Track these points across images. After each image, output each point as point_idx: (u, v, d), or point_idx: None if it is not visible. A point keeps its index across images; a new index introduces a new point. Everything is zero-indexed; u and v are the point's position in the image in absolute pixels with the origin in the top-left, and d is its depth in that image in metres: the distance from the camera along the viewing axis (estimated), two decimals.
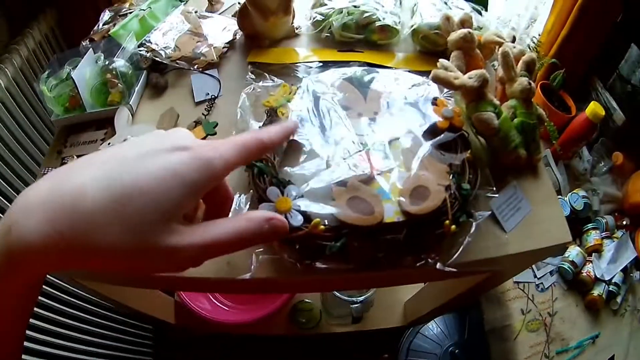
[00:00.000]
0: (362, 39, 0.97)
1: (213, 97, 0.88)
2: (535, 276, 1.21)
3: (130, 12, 1.03)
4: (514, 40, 1.00)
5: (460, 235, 0.67)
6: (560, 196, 1.30)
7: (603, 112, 1.24)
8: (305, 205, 0.62)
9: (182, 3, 1.06)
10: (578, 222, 1.28)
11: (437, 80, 0.76)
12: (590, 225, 1.27)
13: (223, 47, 0.95)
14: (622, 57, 1.40)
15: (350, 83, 0.80)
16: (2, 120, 1.14)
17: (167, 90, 0.93)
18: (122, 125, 0.85)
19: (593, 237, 1.24)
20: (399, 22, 0.97)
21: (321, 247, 0.62)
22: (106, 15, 1.06)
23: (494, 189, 0.74)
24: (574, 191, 1.29)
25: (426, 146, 0.71)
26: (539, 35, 1.48)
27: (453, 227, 0.63)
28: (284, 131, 0.43)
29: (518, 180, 0.81)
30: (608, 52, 1.42)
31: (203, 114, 0.85)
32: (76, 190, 0.30)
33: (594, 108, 1.24)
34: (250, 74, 0.87)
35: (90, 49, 0.92)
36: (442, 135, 0.73)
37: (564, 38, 1.34)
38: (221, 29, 0.99)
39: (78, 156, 0.84)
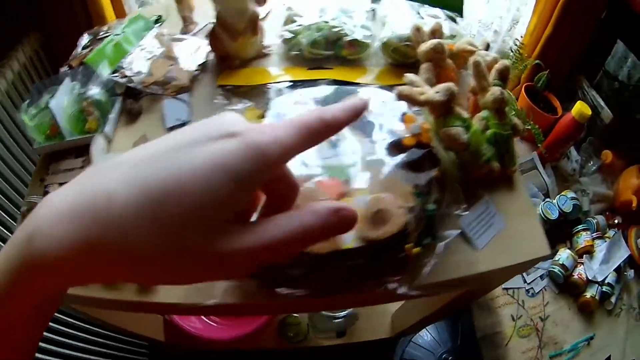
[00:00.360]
0: (332, 55, 0.96)
1: (183, 122, 0.88)
2: (524, 281, 1.19)
3: (108, 36, 1.03)
4: (487, 47, 0.99)
5: (426, 255, 0.66)
6: (548, 199, 1.28)
7: (589, 112, 1.22)
8: None
9: (157, 26, 1.06)
10: (567, 225, 1.26)
11: (402, 97, 0.75)
12: (580, 227, 1.25)
13: (195, 70, 0.96)
14: (608, 54, 1.37)
15: (317, 103, 0.80)
16: None
17: (141, 116, 0.93)
18: (98, 154, 0.86)
19: (584, 239, 1.23)
20: (370, 36, 0.96)
21: (283, 273, 0.62)
22: (85, 39, 1.06)
23: (464, 206, 0.72)
24: (563, 193, 1.27)
25: (389, 166, 0.71)
26: (522, 37, 1.46)
27: (416, 249, 0.63)
28: (351, 109, 0.34)
29: (492, 194, 0.80)
30: (593, 49, 1.40)
31: None
32: (107, 195, 0.26)
33: (580, 108, 1.22)
34: (219, 97, 0.87)
35: (68, 77, 0.93)
36: (408, 152, 0.72)
37: (547, 38, 1.32)
38: (194, 51, 1.00)
39: (60, 184, 0.85)
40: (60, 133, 0.90)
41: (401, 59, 0.95)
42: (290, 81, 0.90)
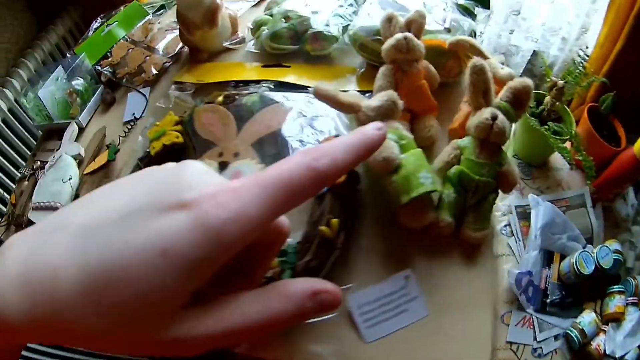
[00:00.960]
0: (298, 49, 0.82)
1: (136, 118, 0.86)
2: (534, 338, 0.94)
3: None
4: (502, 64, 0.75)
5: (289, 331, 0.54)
6: (589, 246, 0.99)
7: None
8: None
9: (156, 14, 1.04)
10: (604, 280, 0.96)
11: (319, 96, 0.58)
12: (616, 288, 0.94)
13: (165, 62, 0.91)
14: None
15: (236, 112, 0.70)
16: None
17: (113, 107, 0.93)
18: (66, 141, 0.89)
19: (615, 303, 0.92)
20: (339, 29, 0.80)
21: None
22: (97, 23, 1.09)
23: (351, 285, 0.56)
24: (606, 243, 0.97)
25: None
26: (587, 47, 1.11)
27: None
28: (361, 144, 0.25)
29: (425, 264, 0.58)
30: None
31: (120, 135, 0.83)
32: (52, 271, 0.24)
33: None
34: (170, 94, 0.83)
35: (61, 65, 0.97)
36: None
37: (618, 53, 0.99)
38: (178, 41, 0.95)
39: (41, 162, 0.91)
40: (49, 116, 0.95)
41: (371, 57, 0.76)
42: (236, 81, 0.80)
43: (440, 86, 0.71)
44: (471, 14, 0.82)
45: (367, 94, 0.65)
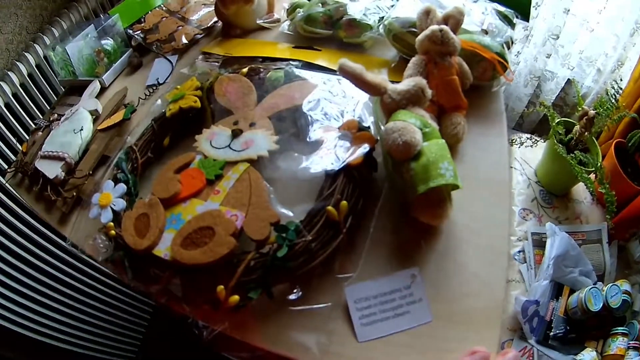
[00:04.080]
0: (331, 35, 0.78)
1: (159, 83, 0.82)
2: None
3: None
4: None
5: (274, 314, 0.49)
6: (598, 284, 0.92)
7: None
8: (119, 205, 0.56)
9: None
10: (609, 320, 0.89)
11: (344, 72, 0.54)
12: (620, 329, 0.87)
13: (196, 34, 0.88)
14: None
15: (259, 84, 0.65)
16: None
17: (140, 70, 0.90)
18: (86, 96, 0.86)
19: (617, 345, 0.85)
20: (378, 16, 0.75)
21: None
22: None
23: (352, 275, 0.50)
24: (617, 282, 0.90)
25: (283, 175, 0.54)
26: (621, 80, 1.05)
27: (233, 297, 0.45)
28: None
29: (434, 263, 0.52)
30: None
31: (140, 97, 0.80)
32: None
33: None
34: (197, 63, 0.79)
35: (93, 24, 0.95)
36: (320, 166, 0.53)
37: None
38: (212, 15, 0.92)
39: (58, 114, 0.87)
40: (74, 72, 0.92)
41: (405, 50, 0.71)
42: (264, 58, 0.76)
43: (471, 88, 0.66)
44: (510, 23, 0.77)
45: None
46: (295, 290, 0.48)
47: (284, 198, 0.53)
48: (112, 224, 0.55)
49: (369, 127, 0.56)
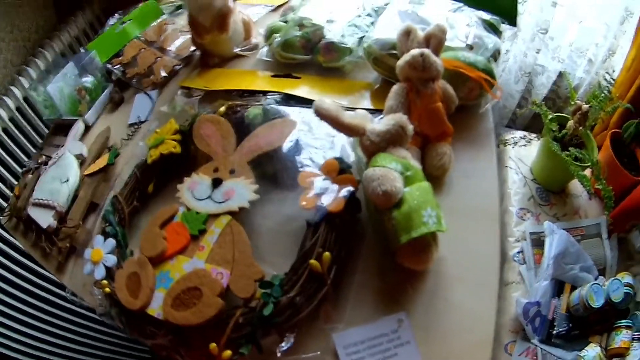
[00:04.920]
0: (310, 60, 0.75)
1: (140, 121, 0.80)
2: None
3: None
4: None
5: None
6: (598, 280, 0.90)
7: None
8: (110, 261, 0.56)
9: (171, 14, 0.98)
10: (613, 314, 0.88)
11: (320, 115, 0.52)
12: (623, 322, 0.85)
13: (175, 65, 0.86)
14: None
15: (237, 124, 0.63)
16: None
17: (121, 106, 0.88)
18: (70, 139, 0.84)
19: (621, 338, 0.83)
20: (354, 41, 0.72)
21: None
22: (113, 19, 1.03)
23: (338, 325, 0.49)
24: (618, 276, 0.88)
25: (264, 227, 0.52)
26: (613, 71, 1.02)
27: (226, 353, 0.45)
28: None
29: (421, 305, 0.50)
30: None
31: (123, 138, 0.78)
32: None
33: None
34: (176, 99, 0.77)
35: (72, 61, 0.92)
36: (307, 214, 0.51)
37: None
38: (190, 44, 0.89)
39: (46, 156, 0.86)
40: (58, 111, 0.91)
41: (386, 73, 0.69)
42: (242, 90, 0.73)
43: (457, 109, 0.63)
44: (496, 31, 0.74)
45: (380, 116, 0.58)
46: (285, 339, 0.47)
47: (267, 249, 0.53)
48: (105, 281, 0.55)
49: (350, 167, 0.54)
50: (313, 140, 0.58)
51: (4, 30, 1.10)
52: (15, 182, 1.07)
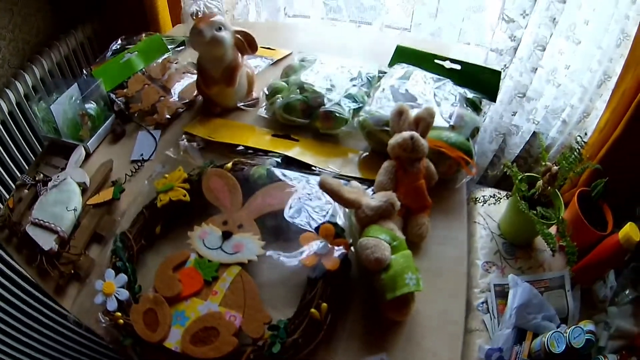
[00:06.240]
0: (308, 124, 0.92)
1: (143, 159, 0.94)
2: None
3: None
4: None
5: None
6: (562, 326, 1.08)
7: (638, 237, 0.99)
8: (123, 295, 0.69)
9: (175, 49, 1.13)
10: (575, 359, 1.06)
11: (325, 188, 0.69)
12: None
13: (178, 108, 1.00)
14: None
15: (244, 181, 0.80)
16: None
17: (123, 139, 1.02)
18: (72, 164, 0.97)
19: None
20: (350, 110, 0.90)
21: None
22: (117, 44, 1.18)
23: None
24: (580, 324, 1.04)
25: (270, 278, 0.69)
26: (585, 134, 1.22)
27: None
28: None
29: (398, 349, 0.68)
30: None
31: (126, 174, 0.92)
32: None
33: (628, 231, 0.98)
34: (180, 143, 0.91)
35: (76, 83, 1.04)
36: (307, 270, 0.68)
37: (615, 140, 1.08)
38: (194, 88, 1.04)
39: (44, 175, 0.98)
40: (58, 131, 1.03)
41: (378, 146, 0.86)
42: (243, 146, 0.89)
43: (436, 182, 0.82)
44: (477, 109, 0.92)
45: (368, 188, 0.76)
46: None
47: (272, 297, 0.69)
48: (119, 313, 0.68)
49: (343, 231, 0.72)
50: (311, 205, 0.75)
51: (6, 27, 1.23)
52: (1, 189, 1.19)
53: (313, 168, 0.84)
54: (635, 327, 1.09)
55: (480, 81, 0.98)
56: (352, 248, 0.72)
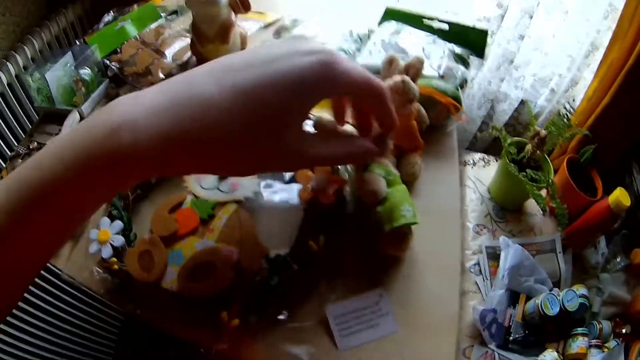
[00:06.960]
0: None
1: None
2: None
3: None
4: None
5: (268, 333, 0.63)
6: (555, 289, 1.09)
7: (628, 202, 1.00)
8: (118, 242, 0.68)
9: (168, 18, 1.14)
10: (569, 322, 1.06)
11: (317, 127, 0.69)
12: (579, 330, 1.03)
13: (172, 68, 1.01)
14: None
15: None
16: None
17: None
18: (67, 127, 0.97)
19: (578, 344, 1.00)
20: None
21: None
22: (109, 16, 1.18)
23: (331, 296, 0.66)
24: (573, 287, 1.06)
25: (266, 215, 0.69)
26: (574, 100, 1.25)
27: (235, 321, 0.60)
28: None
29: (398, 286, 0.69)
30: None
31: None
32: (203, 99, 0.33)
33: (618, 195, 1.00)
34: None
35: (70, 52, 1.05)
36: (299, 209, 0.69)
37: (604, 107, 1.10)
38: (183, 50, 1.05)
39: (38, 142, 0.98)
40: (52, 99, 1.03)
41: None
42: None
43: (428, 128, 0.83)
44: (465, 63, 0.94)
45: None
46: (283, 313, 0.64)
47: (269, 231, 0.69)
48: (114, 259, 0.67)
49: (338, 169, 0.73)
50: None
51: None
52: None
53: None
54: (627, 295, 1.10)
55: (468, 40, 1.00)
56: (347, 187, 0.72)
